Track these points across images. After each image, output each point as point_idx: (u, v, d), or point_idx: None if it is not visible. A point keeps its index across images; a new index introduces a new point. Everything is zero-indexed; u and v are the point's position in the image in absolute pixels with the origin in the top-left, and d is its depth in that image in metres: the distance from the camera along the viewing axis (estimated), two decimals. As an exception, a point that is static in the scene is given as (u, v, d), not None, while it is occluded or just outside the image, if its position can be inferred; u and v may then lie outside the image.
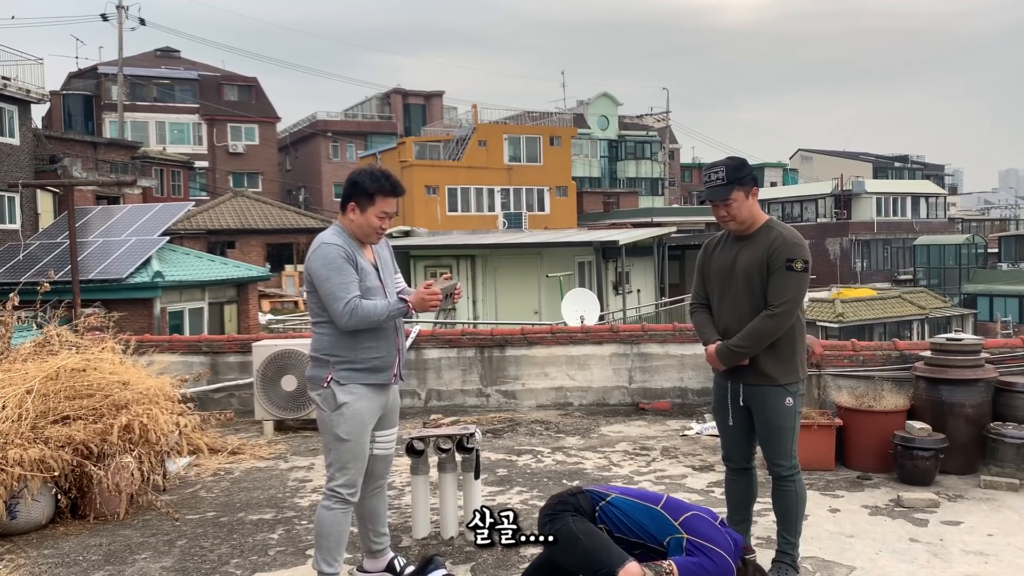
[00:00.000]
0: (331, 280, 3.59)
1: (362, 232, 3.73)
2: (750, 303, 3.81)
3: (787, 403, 3.85)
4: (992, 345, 6.49)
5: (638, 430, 7.18)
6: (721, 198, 3.80)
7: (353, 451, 3.71)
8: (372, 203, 3.68)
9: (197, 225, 28.22)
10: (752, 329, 3.77)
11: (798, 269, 3.74)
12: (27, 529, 4.89)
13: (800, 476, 3.95)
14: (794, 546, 3.95)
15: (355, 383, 3.69)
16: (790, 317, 3.77)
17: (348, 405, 3.67)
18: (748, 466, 4.09)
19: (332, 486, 3.73)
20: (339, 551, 3.76)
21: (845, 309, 28.92)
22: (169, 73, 45.58)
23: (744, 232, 3.90)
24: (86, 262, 15.93)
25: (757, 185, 3.90)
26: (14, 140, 20.63)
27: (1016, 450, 5.47)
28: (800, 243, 3.81)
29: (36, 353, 5.79)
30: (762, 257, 3.78)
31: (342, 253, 3.63)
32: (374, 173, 3.73)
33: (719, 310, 3.97)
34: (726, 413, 4.01)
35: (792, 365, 3.86)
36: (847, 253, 44.26)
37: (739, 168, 3.84)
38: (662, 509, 3.52)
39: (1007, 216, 64.87)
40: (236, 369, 8.45)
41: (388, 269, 3.89)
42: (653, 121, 60.65)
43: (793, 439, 3.91)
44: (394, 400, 3.96)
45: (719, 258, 3.98)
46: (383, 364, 3.75)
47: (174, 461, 5.96)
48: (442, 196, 35.78)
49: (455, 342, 8.36)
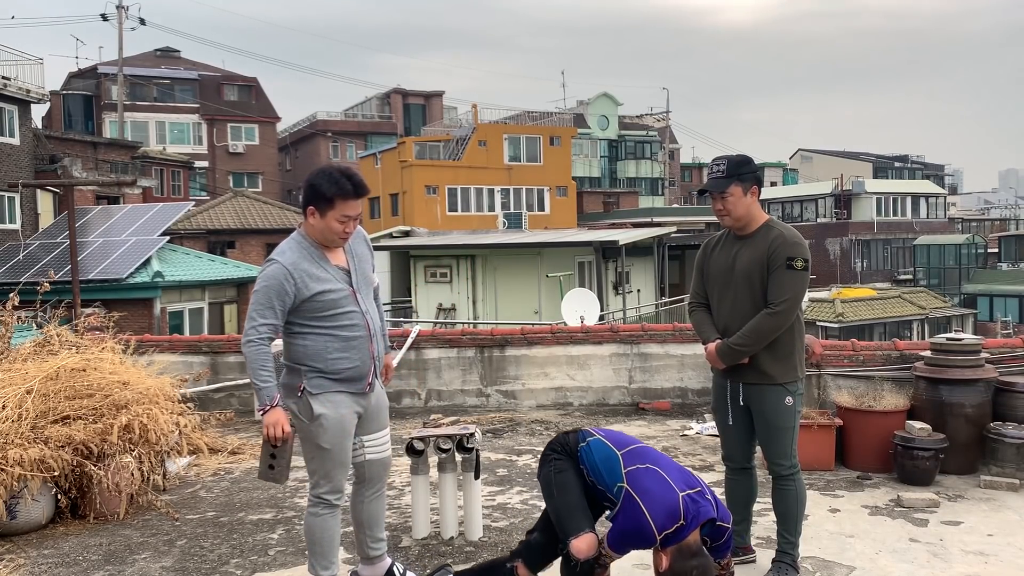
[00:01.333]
0: (256, 299, 3.48)
1: (324, 237, 3.55)
2: (750, 302, 3.82)
3: (787, 402, 3.85)
4: (992, 345, 6.49)
5: (638, 430, 7.18)
6: (718, 190, 3.82)
7: (336, 458, 3.62)
8: (331, 207, 3.47)
9: (197, 225, 28.22)
10: (752, 327, 3.77)
11: (798, 268, 3.76)
12: (27, 529, 4.89)
13: (800, 476, 3.95)
14: (794, 546, 3.95)
15: (329, 392, 3.58)
16: (790, 316, 3.79)
17: (325, 415, 3.56)
18: (748, 466, 4.10)
19: (318, 492, 3.65)
20: (333, 554, 3.72)
21: (845, 309, 28.93)
22: (169, 73, 45.58)
23: (742, 231, 3.90)
24: (86, 262, 15.93)
25: (759, 185, 3.91)
26: (14, 140, 20.63)
27: (1016, 450, 5.47)
28: (800, 242, 3.82)
29: (36, 353, 5.79)
30: (762, 256, 3.79)
31: (283, 281, 3.47)
32: (332, 174, 3.49)
33: (719, 309, 3.98)
34: (726, 412, 4.02)
35: (791, 364, 3.87)
36: (847, 253, 44.27)
37: (741, 164, 3.85)
38: (622, 455, 3.31)
39: (1007, 216, 64.86)
40: (236, 369, 8.45)
41: (363, 269, 3.72)
42: (653, 121, 60.65)
43: (793, 438, 3.92)
44: (379, 401, 3.82)
45: (719, 257, 3.99)
46: (356, 374, 3.62)
47: (174, 461, 5.96)
48: (442, 196, 35.77)
49: (455, 342, 8.36)
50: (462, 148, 37.20)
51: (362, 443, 3.78)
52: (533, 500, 5.27)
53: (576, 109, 54.52)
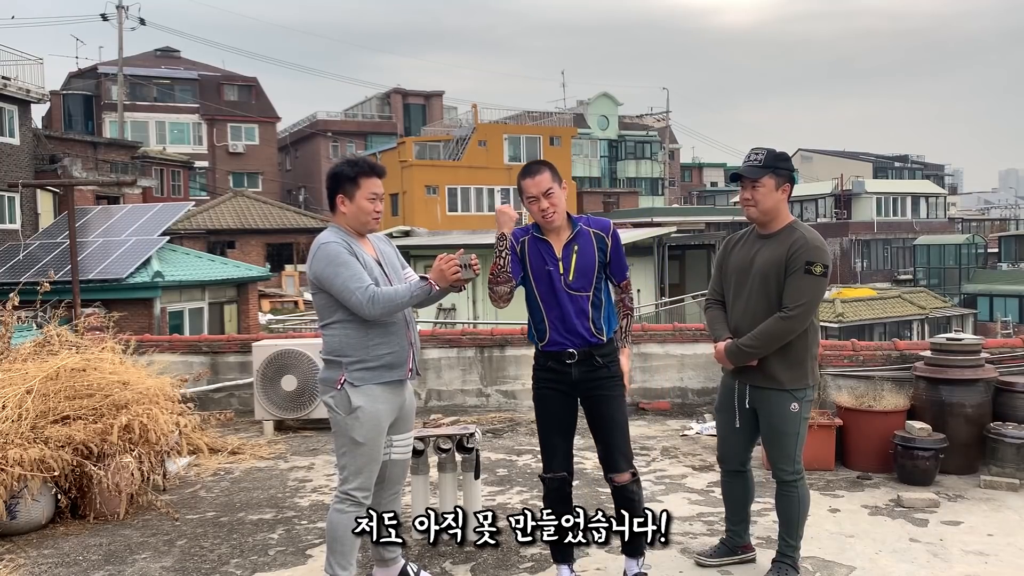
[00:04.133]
0: (340, 275, 3.53)
1: (358, 221, 3.68)
2: (764, 303, 3.76)
3: (792, 408, 3.79)
4: (992, 345, 6.49)
5: (638, 430, 7.18)
6: (753, 176, 3.74)
7: (369, 454, 3.64)
8: (358, 187, 3.64)
9: (197, 225, 28.23)
10: (764, 330, 3.71)
11: (817, 273, 3.67)
12: (27, 529, 4.89)
13: (804, 482, 3.90)
14: (795, 549, 3.93)
15: (369, 384, 3.61)
16: (804, 321, 3.71)
17: (363, 408, 3.59)
18: (743, 469, 4.07)
19: (346, 489, 3.64)
20: (352, 555, 3.69)
21: (845, 309, 28.88)
22: (169, 73, 45.56)
23: (765, 228, 3.83)
24: (86, 262, 15.92)
25: (792, 184, 3.83)
26: (14, 140, 20.63)
27: (1016, 450, 5.47)
28: (822, 247, 3.74)
29: (36, 353, 5.79)
30: (781, 257, 3.72)
31: (344, 248, 3.59)
32: (349, 160, 3.72)
33: (733, 307, 3.91)
34: (732, 414, 3.95)
35: (803, 371, 3.79)
36: (847, 253, 44.26)
37: (780, 158, 3.80)
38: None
39: (1007, 216, 64.84)
40: (236, 369, 8.45)
41: (392, 264, 3.83)
42: (653, 121, 60.64)
43: (798, 445, 3.85)
44: (410, 403, 3.89)
45: (739, 255, 3.92)
46: (396, 360, 3.67)
47: (174, 461, 5.96)
48: (442, 196, 35.77)
49: (455, 342, 8.36)
50: (462, 148, 37.21)
51: (391, 442, 3.81)
52: (533, 500, 5.27)
53: (576, 109, 54.51)
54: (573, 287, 3.69)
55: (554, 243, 3.74)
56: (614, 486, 3.75)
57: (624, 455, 3.73)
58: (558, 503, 3.76)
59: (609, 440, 3.73)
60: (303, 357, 7.40)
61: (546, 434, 3.80)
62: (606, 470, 3.78)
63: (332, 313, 3.64)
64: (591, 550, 4.26)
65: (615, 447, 3.73)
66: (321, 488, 5.78)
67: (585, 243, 3.74)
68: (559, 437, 3.79)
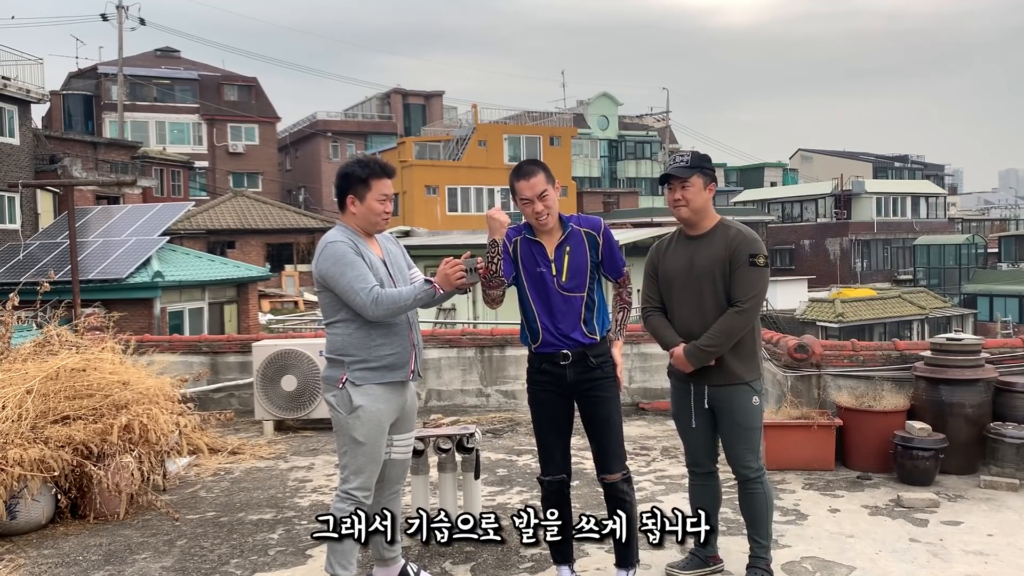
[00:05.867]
0: (345, 275, 3.54)
1: (368, 222, 3.70)
2: (713, 302, 3.79)
3: (754, 402, 3.84)
4: (992, 345, 6.49)
5: (638, 430, 7.18)
6: (683, 175, 3.80)
7: (370, 454, 3.65)
8: (369, 188, 3.65)
9: (197, 225, 28.23)
10: (720, 327, 3.74)
11: (761, 264, 3.76)
12: (27, 529, 4.89)
13: (767, 477, 3.92)
14: (766, 549, 3.91)
15: (371, 383, 3.62)
16: (756, 312, 3.81)
17: (364, 408, 3.61)
18: (713, 469, 4.05)
19: (347, 488, 3.65)
20: (353, 554, 3.70)
21: (845, 309, 28.89)
22: (169, 73, 45.56)
23: (695, 228, 3.89)
24: (86, 262, 15.93)
25: (715, 184, 3.93)
26: (14, 140, 20.63)
27: (1016, 450, 5.47)
28: (758, 239, 3.85)
29: (36, 353, 5.79)
30: (723, 255, 3.78)
31: (351, 248, 3.60)
32: (360, 161, 3.72)
33: (678, 312, 3.92)
34: (689, 417, 3.94)
35: (755, 363, 3.86)
36: (847, 253, 44.24)
37: (705, 160, 3.91)
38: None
39: (1007, 216, 64.81)
40: (236, 369, 8.45)
41: (398, 264, 3.83)
42: (653, 121, 60.64)
43: (759, 439, 3.89)
44: (411, 403, 3.89)
45: (673, 259, 3.94)
46: (398, 361, 3.68)
47: (174, 461, 5.96)
48: (442, 196, 35.78)
49: (455, 342, 8.36)
50: (462, 148, 37.21)
51: (391, 441, 3.82)
52: (533, 500, 5.27)
53: (576, 109, 54.50)
54: (566, 288, 3.71)
55: (546, 244, 3.76)
56: (605, 485, 3.79)
57: (617, 456, 3.77)
58: (557, 505, 3.77)
59: (603, 441, 3.77)
60: (303, 357, 7.40)
61: (543, 436, 3.83)
62: (599, 470, 3.82)
63: (336, 312, 3.65)
64: (591, 550, 4.27)
65: (608, 448, 3.77)
66: (321, 488, 5.78)
67: (577, 243, 3.76)
68: (556, 439, 3.81)
